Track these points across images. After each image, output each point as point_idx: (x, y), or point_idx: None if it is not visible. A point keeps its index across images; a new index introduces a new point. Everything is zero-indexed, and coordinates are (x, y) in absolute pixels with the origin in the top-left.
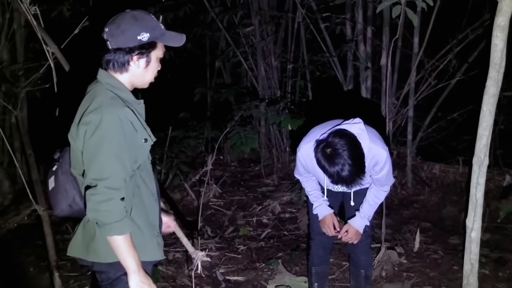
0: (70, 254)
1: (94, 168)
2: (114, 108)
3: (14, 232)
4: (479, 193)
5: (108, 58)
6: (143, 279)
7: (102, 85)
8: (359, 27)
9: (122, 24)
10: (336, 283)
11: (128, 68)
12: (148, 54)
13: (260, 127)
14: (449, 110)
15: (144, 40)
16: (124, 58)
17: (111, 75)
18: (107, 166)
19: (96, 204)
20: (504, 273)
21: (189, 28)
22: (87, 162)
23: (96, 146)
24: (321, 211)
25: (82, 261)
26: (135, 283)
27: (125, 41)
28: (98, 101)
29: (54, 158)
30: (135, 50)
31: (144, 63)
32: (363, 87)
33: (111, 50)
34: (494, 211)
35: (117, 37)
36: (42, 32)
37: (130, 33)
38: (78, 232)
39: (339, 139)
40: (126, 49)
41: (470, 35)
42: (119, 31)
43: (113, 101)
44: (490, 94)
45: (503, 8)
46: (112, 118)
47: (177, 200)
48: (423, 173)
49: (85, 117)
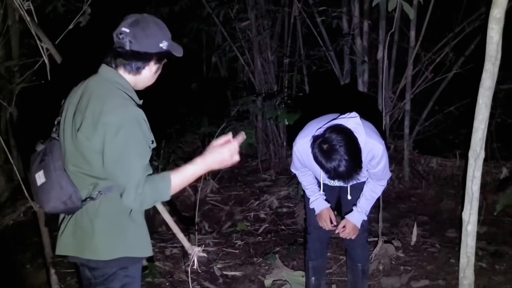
0: (61, 253)
1: (120, 173)
2: (132, 108)
3: (10, 229)
4: (475, 186)
5: (124, 59)
6: (212, 159)
7: (112, 84)
8: (356, 21)
9: (147, 29)
10: (334, 277)
11: (141, 71)
12: (161, 61)
13: (257, 122)
14: (446, 103)
15: (164, 48)
16: (143, 63)
17: (120, 74)
18: (133, 167)
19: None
20: (501, 265)
21: (185, 23)
22: (111, 165)
23: (120, 149)
24: (318, 205)
25: (75, 259)
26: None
27: (148, 46)
28: (114, 102)
29: (37, 150)
30: (154, 56)
31: (155, 69)
32: (359, 81)
33: (129, 52)
34: (491, 204)
35: (141, 40)
36: (36, 28)
37: (154, 39)
38: (68, 229)
39: (336, 134)
40: (148, 54)
41: (467, 28)
42: (144, 34)
43: (128, 102)
44: (486, 87)
45: (498, 0)
46: (133, 119)
47: (174, 195)
48: (420, 166)
49: (104, 118)
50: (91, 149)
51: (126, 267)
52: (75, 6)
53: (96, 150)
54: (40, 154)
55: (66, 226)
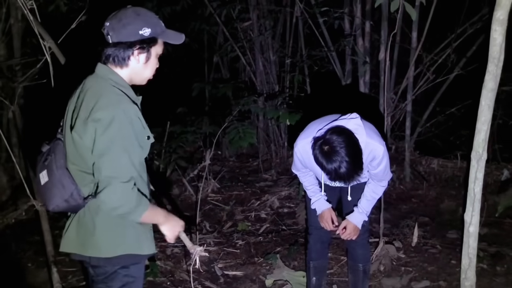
0: (65, 250)
1: (106, 165)
2: (124, 105)
3: (12, 228)
4: (477, 188)
5: (108, 53)
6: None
7: (106, 81)
8: (358, 21)
9: (124, 18)
10: (335, 277)
11: (128, 63)
12: (148, 49)
13: (258, 122)
14: (448, 104)
15: (146, 35)
16: (125, 52)
17: (113, 70)
18: (119, 163)
19: (115, 201)
20: (501, 267)
21: (187, 23)
22: (98, 159)
23: (108, 144)
24: (319, 206)
25: (78, 256)
26: (167, 229)
27: (126, 35)
28: (106, 98)
29: (42, 151)
30: (136, 44)
31: (144, 59)
32: (361, 81)
33: (111, 44)
34: (492, 205)
35: (118, 31)
36: (39, 26)
37: (132, 27)
38: (72, 227)
39: (336, 136)
40: (127, 43)
41: (469, 30)
42: (121, 25)
43: (120, 98)
44: (489, 89)
45: (502, 2)
46: (123, 116)
47: (175, 195)
48: (421, 167)
49: (94, 114)
50: (84, 146)
51: (127, 267)
52: (78, 5)
53: (87, 147)
54: (44, 154)
55: (70, 223)
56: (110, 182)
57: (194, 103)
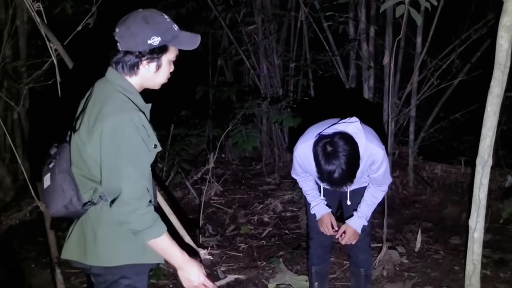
0: (66, 257)
1: (116, 179)
2: (127, 113)
3: (15, 229)
4: (482, 194)
5: (117, 60)
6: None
7: (113, 86)
8: (362, 26)
9: (132, 27)
10: (337, 282)
11: (138, 71)
12: (158, 58)
13: (262, 125)
14: (452, 110)
15: (155, 44)
16: (133, 61)
17: (122, 76)
18: (128, 176)
19: (125, 215)
20: (505, 273)
21: (192, 26)
22: (107, 171)
23: (115, 156)
24: (319, 211)
25: (79, 264)
26: (185, 279)
27: (135, 45)
28: (111, 105)
29: (50, 154)
30: (145, 54)
31: (154, 67)
32: (365, 86)
33: (120, 52)
34: (495, 212)
35: (127, 40)
36: (45, 28)
37: (140, 37)
38: (74, 234)
39: (343, 142)
40: (136, 53)
41: (473, 35)
42: (129, 33)
43: (126, 105)
44: (495, 95)
45: (508, 8)
46: (128, 125)
47: (178, 198)
48: (424, 173)
49: (99, 123)
50: (87, 154)
51: (129, 277)
52: (84, 8)
53: (91, 155)
54: (51, 157)
55: (72, 230)
56: (117, 194)
57: (198, 106)
